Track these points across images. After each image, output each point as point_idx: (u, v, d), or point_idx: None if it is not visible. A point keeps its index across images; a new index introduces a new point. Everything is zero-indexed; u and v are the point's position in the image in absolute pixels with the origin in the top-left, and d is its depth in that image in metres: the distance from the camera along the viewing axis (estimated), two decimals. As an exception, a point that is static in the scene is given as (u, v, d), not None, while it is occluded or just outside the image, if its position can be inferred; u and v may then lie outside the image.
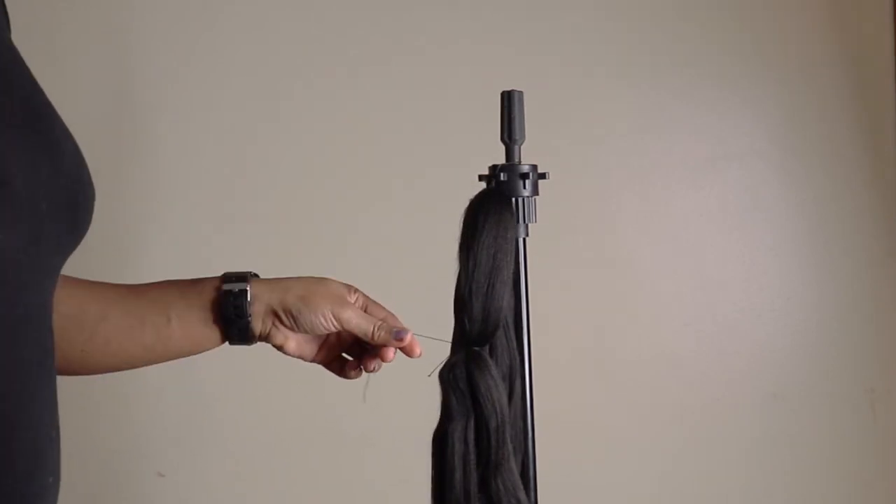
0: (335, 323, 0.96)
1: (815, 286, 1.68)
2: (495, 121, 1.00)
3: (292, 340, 0.97)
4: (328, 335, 0.99)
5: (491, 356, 0.95)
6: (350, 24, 1.56)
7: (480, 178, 1.00)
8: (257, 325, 0.95)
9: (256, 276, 0.99)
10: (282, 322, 0.96)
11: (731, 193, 1.66)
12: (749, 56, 1.66)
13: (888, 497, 1.68)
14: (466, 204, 0.99)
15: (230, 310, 0.94)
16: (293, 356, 0.99)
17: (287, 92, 1.55)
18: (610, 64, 1.63)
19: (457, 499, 0.90)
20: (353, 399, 1.55)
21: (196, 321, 0.94)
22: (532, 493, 0.99)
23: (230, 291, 0.94)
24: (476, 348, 0.92)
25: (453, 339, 0.93)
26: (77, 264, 0.84)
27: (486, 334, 0.92)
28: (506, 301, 0.92)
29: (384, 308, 1.00)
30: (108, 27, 1.51)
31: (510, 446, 0.92)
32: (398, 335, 0.97)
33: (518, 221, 0.99)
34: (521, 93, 1.00)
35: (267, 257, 1.55)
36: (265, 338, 0.97)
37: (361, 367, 1.00)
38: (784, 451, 1.66)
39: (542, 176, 1.00)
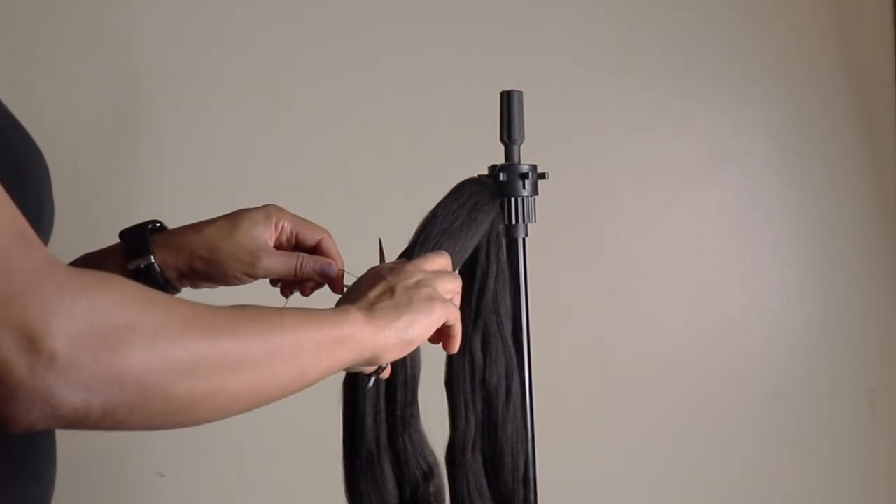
0: (249, 279, 0.92)
1: (815, 286, 1.68)
2: (495, 121, 1.01)
3: (219, 285, 0.93)
4: None
5: (485, 357, 0.95)
6: (350, 25, 1.56)
7: (480, 177, 1.01)
8: (177, 285, 0.92)
9: (157, 227, 0.94)
10: (197, 279, 0.92)
11: (731, 193, 1.66)
12: (749, 56, 1.66)
13: (888, 497, 1.68)
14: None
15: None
16: None
17: (287, 93, 1.55)
18: (610, 64, 1.63)
19: (368, 447, 0.90)
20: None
21: None
22: (532, 493, 0.99)
23: (137, 270, 0.89)
24: None
25: None
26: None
27: None
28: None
29: (317, 227, 0.96)
30: (109, 27, 1.51)
31: (419, 408, 0.91)
32: (323, 273, 0.93)
33: (518, 221, 0.99)
34: (520, 93, 1.00)
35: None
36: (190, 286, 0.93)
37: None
38: (784, 451, 1.66)
39: (542, 176, 1.00)
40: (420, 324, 0.77)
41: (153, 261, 0.90)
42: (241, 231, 0.91)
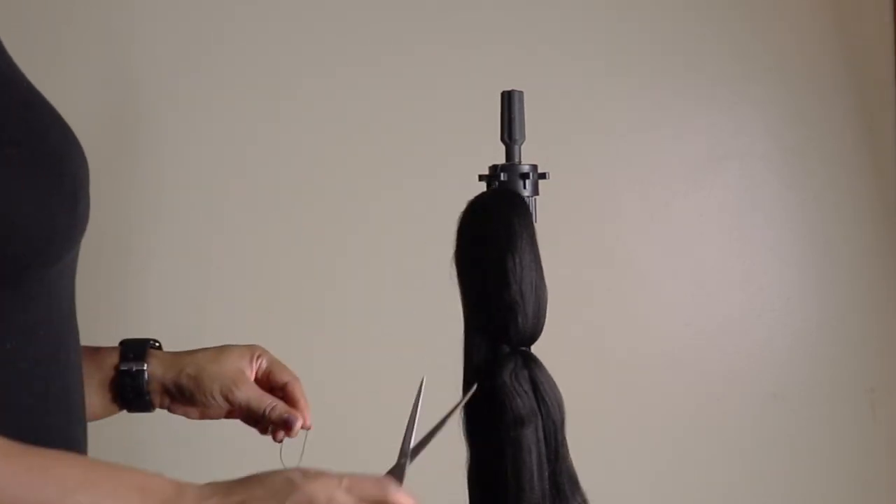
0: (226, 404, 0.97)
1: (815, 286, 1.68)
2: (495, 121, 1.00)
3: (194, 411, 0.99)
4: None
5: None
6: (350, 25, 1.56)
7: (480, 178, 1.01)
8: (156, 401, 0.97)
9: (157, 345, 1.00)
10: (177, 400, 0.97)
11: (731, 193, 1.66)
12: (749, 56, 1.65)
13: (888, 497, 1.68)
14: (466, 204, 0.99)
15: (128, 391, 0.95)
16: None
17: (287, 92, 1.55)
18: (610, 64, 1.63)
19: (536, 501, 0.91)
20: (354, 399, 1.55)
21: (94, 395, 0.94)
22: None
23: (128, 372, 0.95)
24: (524, 349, 0.92)
25: (488, 341, 0.92)
26: (81, 265, 0.84)
27: (537, 334, 0.92)
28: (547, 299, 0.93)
29: (288, 371, 1.00)
30: (109, 27, 1.51)
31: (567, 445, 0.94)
32: (287, 422, 0.98)
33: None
34: (521, 93, 1.00)
35: (267, 257, 1.55)
36: (166, 408, 0.98)
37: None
38: (784, 451, 1.66)
39: (542, 176, 1.00)
40: None
41: (145, 368, 0.95)
42: (227, 359, 0.97)
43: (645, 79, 1.63)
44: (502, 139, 1.00)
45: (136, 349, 0.97)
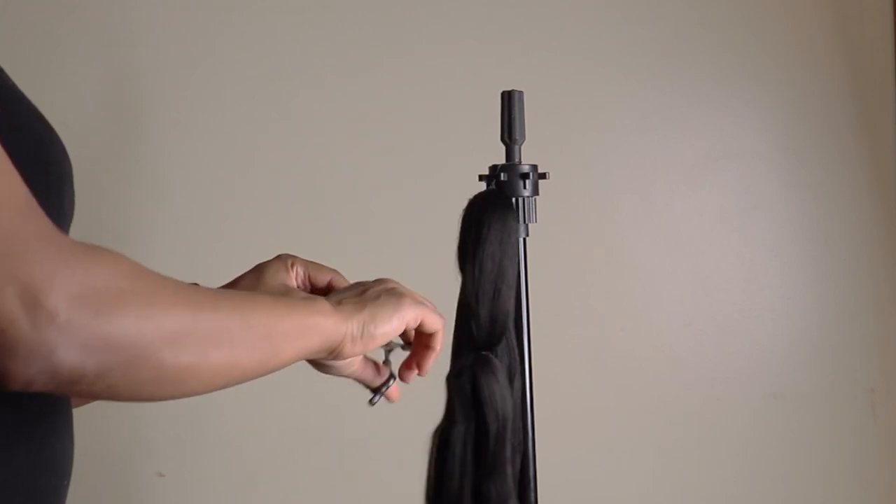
0: None
1: (815, 286, 1.68)
2: (495, 121, 1.01)
3: None
4: None
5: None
6: (350, 25, 1.57)
7: (480, 178, 1.01)
8: None
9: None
10: None
11: (731, 193, 1.66)
12: (749, 56, 1.66)
13: (888, 497, 1.68)
14: (466, 204, 0.99)
15: None
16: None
17: (287, 92, 1.55)
18: (610, 63, 1.63)
19: (451, 502, 0.90)
20: (355, 400, 1.54)
21: None
22: (532, 493, 0.99)
23: None
24: (483, 353, 0.92)
25: (456, 343, 0.94)
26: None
27: (494, 339, 0.93)
28: (511, 305, 0.93)
29: (326, 268, 0.98)
30: (110, 29, 1.51)
31: (509, 452, 0.92)
32: None
33: (518, 221, 0.99)
34: (521, 93, 1.00)
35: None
36: None
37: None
38: (784, 451, 1.66)
39: (543, 176, 1.00)
40: (383, 319, 0.82)
41: None
42: (268, 278, 0.96)
43: (645, 78, 1.63)
44: (502, 139, 1.00)
45: None
